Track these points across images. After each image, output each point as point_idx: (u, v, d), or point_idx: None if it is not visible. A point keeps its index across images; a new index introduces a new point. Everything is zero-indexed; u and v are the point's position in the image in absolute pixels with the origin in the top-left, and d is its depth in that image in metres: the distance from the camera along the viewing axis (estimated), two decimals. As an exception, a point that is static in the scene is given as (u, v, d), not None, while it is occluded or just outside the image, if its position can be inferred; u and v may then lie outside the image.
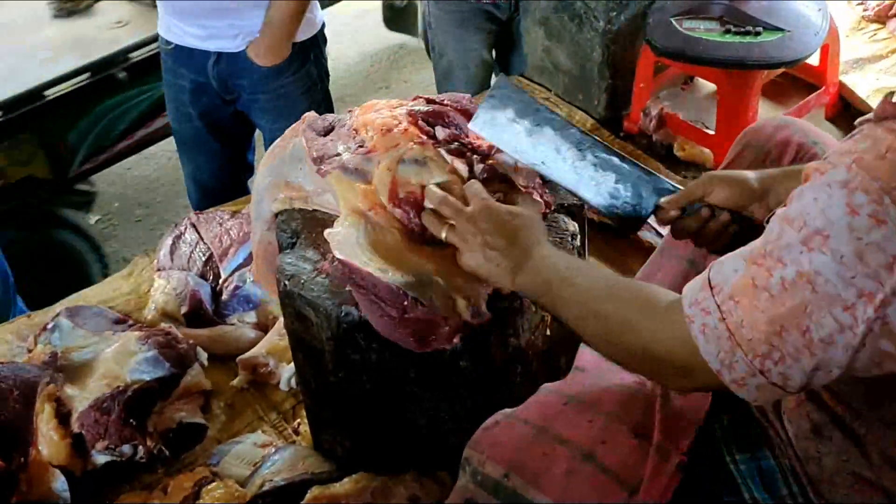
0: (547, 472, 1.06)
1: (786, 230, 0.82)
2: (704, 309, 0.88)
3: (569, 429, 1.11)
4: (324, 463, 1.53)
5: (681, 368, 0.92)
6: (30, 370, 1.61)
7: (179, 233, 2.04)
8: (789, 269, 0.81)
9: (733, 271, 0.87)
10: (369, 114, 1.38)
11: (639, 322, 0.97)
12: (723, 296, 0.86)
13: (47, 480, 1.48)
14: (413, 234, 1.24)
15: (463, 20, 2.61)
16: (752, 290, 0.83)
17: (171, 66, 2.21)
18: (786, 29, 2.08)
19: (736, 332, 0.84)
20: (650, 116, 2.34)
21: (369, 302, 1.19)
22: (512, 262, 1.12)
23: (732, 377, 0.86)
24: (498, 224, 1.14)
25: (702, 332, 0.87)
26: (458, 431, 1.24)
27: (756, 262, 0.84)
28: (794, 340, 0.81)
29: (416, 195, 1.25)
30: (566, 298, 1.05)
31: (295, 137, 1.41)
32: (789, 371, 0.82)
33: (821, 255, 0.78)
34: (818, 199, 0.80)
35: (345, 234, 1.24)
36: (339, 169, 1.30)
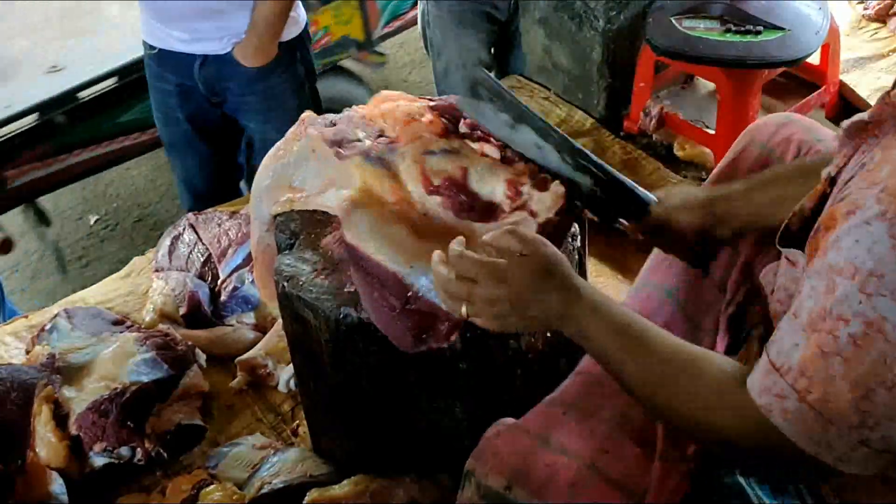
0: (550, 483, 1.05)
1: (838, 282, 0.77)
2: (778, 394, 0.81)
3: (571, 439, 1.09)
4: (323, 465, 1.52)
5: (775, 459, 0.87)
6: (27, 372, 1.61)
7: (178, 233, 2.04)
8: (854, 323, 0.76)
9: (794, 345, 0.81)
10: (386, 104, 1.37)
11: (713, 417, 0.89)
12: (793, 374, 0.80)
13: (45, 483, 1.48)
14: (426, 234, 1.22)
15: (461, 20, 2.61)
16: (823, 358, 0.78)
17: (156, 70, 2.19)
18: (786, 28, 2.08)
19: (822, 409, 0.78)
20: (650, 116, 2.33)
21: (372, 289, 1.18)
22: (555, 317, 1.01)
23: (835, 455, 0.79)
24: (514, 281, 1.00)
25: (784, 419, 0.81)
26: (458, 434, 1.24)
27: (816, 328, 0.79)
28: (884, 399, 0.75)
29: (455, 178, 1.24)
30: (625, 374, 0.97)
31: (297, 140, 1.40)
32: (889, 433, 0.77)
33: (881, 300, 0.74)
34: (860, 240, 0.75)
35: (359, 217, 1.21)
36: (360, 155, 1.28)
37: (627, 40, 2.33)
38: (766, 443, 0.84)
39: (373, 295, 1.18)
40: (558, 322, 1.01)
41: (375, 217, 1.22)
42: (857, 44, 2.56)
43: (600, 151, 2.34)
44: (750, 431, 0.85)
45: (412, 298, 1.16)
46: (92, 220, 3.24)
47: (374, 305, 1.19)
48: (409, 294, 1.16)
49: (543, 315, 1.01)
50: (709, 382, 0.91)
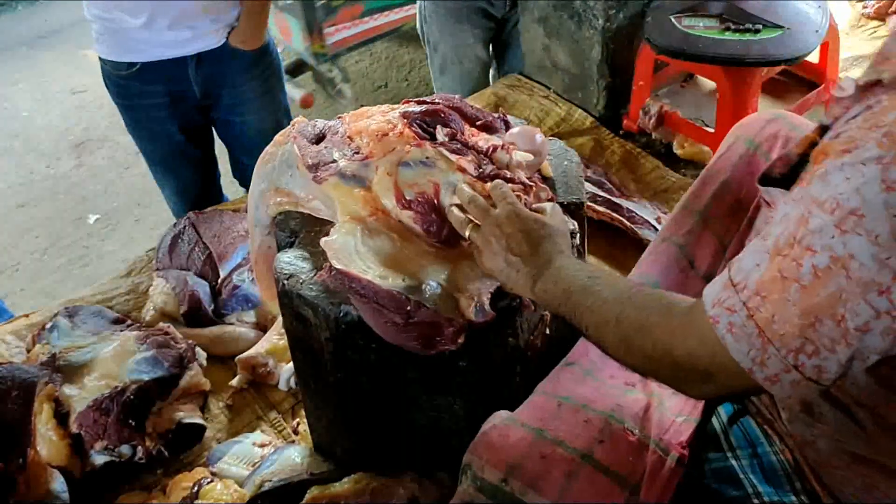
0: (546, 474, 1.06)
1: (814, 213, 0.77)
2: (729, 308, 0.83)
3: (565, 430, 1.10)
4: (323, 463, 1.52)
5: (703, 372, 0.88)
6: (28, 370, 1.61)
7: (178, 232, 2.04)
8: (821, 255, 0.76)
9: (755, 265, 0.82)
10: (362, 121, 1.37)
11: (658, 325, 0.93)
12: (748, 292, 0.82)
13: (46, 481, 1.48)
14: (413, 239, 1.23)
15: (457, 16, 2.61)
16: (781, 282, 0.79)
17: (136, 88, 2.13)
18: (785, 26, 2.08)
19: (766, 328, 0.80)
20: (649, 114, 2.34)
21: (372, 310, 1.19)
22: (533, 270, 1.10)
23: (765, 374, 0.81)
24: (524, 231, 1.13)
25: (729, 331, 0.83)
26: (458, 432, 1.24)
27: (781, 252, 0.80)
28: (829, 331, 0.77)
29: (427, 195, 1.24)
30: (585, 306, 1.02)
31: (284, 144, 1.40)
32: (825, 363, 0.78)
33: (855, 238, 0.74)
34: (850, 177, 0.75)
35: (342, 243, 1.22)
36: (336, 175, 1.29)
37: (627, 39, 2.33)
38: (705, 355, 0.86)
39: (373, 315, 1.19)
40: (533, 275, 1.10)
41: (358, 235, 1.23)
42: (856, 42, 2.56)
43: (600, 150, 2.34)
44: (693, 342, 0.87)
45: (413, 312, 1.16)
46: (92, 219, 3.24)
47: (377, 324, 1.19)
48: (409, 308, 1.16)
49: (523, 263, 1.11)
50: (661, 299, 0.95)
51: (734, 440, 1.10)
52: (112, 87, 2.17)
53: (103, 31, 2.07)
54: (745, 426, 1.10)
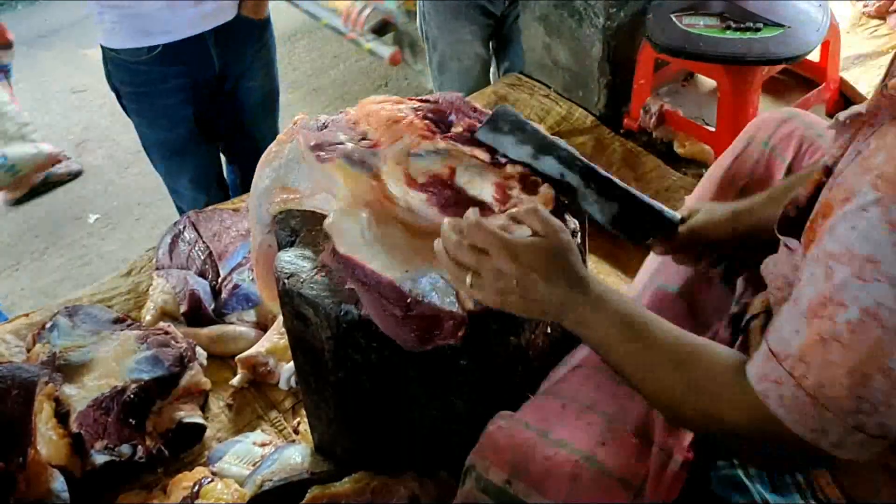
0: (550, 476, 1.05)
1: (835, 269, 0.77)
2: (776, 380, 0.82)
3: (569, 432, 1.10)
4: (323, 462, 1.52)
5: (773, 446, 0.87)
6: (28, 370, 1.61)
7: (178, 231, 2.04)
8: (852, 309, 0.76)
9: (794, 332, 0.81)
10: (371, 105, 1.36)
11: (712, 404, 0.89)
12: (791, 360, 0.81)
13: (46, 480, 1.48)
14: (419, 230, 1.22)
15: (456, 13, 2.61)
16: (821, 344, 0.78)
17: (157, 74, 2.11)
18: (786, 25, 2.08)
19: (818, 395, 0.78)
20: (650, 113, 2.34)
21: (372, 299, 1.18)
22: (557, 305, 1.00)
23: (830, 441, 0.80)
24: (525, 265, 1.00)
25: (780, 405, 0.81)
26: (459, 431, 1.24)
27: (817, 314, 0.79)
28: (880, 385, 0.75)
29: (440, 176, 1.22)
30: (625, 363, 0.98)
31: (289, 141, 1.40)
32: (886, 419, 0.77)
33: (877, 285, 0.74)
34: (856, 226, 0.76)
35: (348, 227, 1.20)
36: (342, 157, 1.26)
37: (627, 37, 2.33)
38: (763, 430, 0.84)
39: (373, 304, 1.18)
40: (559, 310, 1.00)
41: (365, 220, 1.21)
42: (857, 41, 2.56)
43: (600, 149, 2.34)
44: (748, 419, 0.85)
45: (412, 304, 1.15)
46: (92, 218, 3.24)
47: (376, 313, 1.19)
48: (409, 300, 1.15)
49: (546, 300, 1.00)
50: (708, 371, 0.91)
51: None
52: (127, 77, 2.14)
53: (119, 20, 2.05)
54: None
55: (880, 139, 0.78)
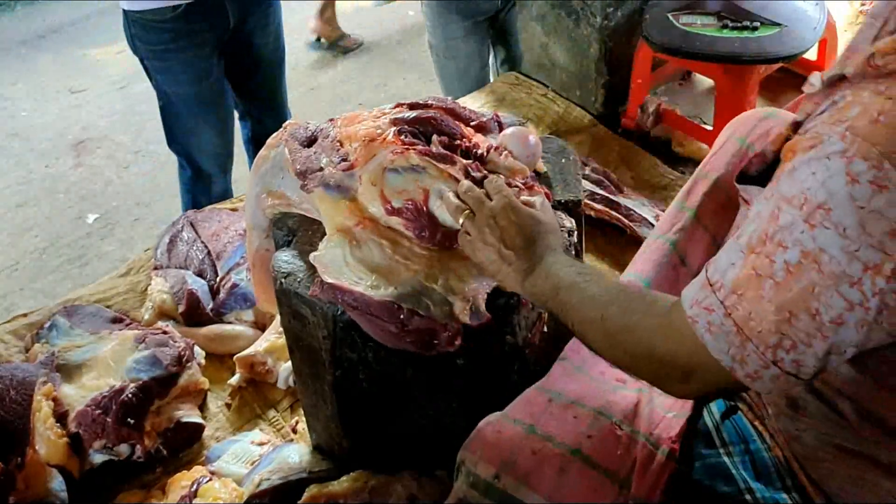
0: (538, 470, 1.06)
1: (784, 209, 0.78)
2: (707, 307, 0.84)
3: (555, 426, 1.11)
4: (321, 461, 1.53)
5: (684, 371, 0.89)
6: (27, 369, 1.61)
7: (177, 231, 2.04)
8: (792, 251, 0.77)
9: (730, 264, 0.84)
10: (352, 126, 1.36)
11: (640, 323, 0.93)
12: (724, 291, 0.83)
13: (44, 480, 1.48)
14: (404, 243, 1.23)
15: (447, 9, 2.60)
16: (756, 279, 0.80)
17: (183, 30, 2.19)
18: (783, 24, 2.08)
19: (744, 326, 0.81)
20: (648, 112, 2.34)
21: (366, 320, 1.19)
22: (525, 264, 1.10)
23: (746, 371, 0.83)
24: (519, 224, 1.13)
25: (707, 330, 0.84)
26: (456, 430, 1.24)
27: (755, 250, 0.81)
28: (805, 325, 0.78)
29: (416, 202, 1.23)
30: (572, 303, 1.03)
31: (276, 147, 1.40)
32: (802, 357, 0.79)
33: (824, 231, 0.75)
34: (816, 172, 0.76)
35: (331, 256, 1.22)
36: (321, 187, 1.28)
37: (625, 37, 2.34)
38: (686, 354, 0.87)
39: (368, 324, 1.19)
40: (524, 271, 1.10)
41: (346, 246, 1.22)
42: (854, 39, 2.56)
43: (598, 147, 2.34)
44: (675, 345, 0.89)
45: (406, 320, 1.16)
46: (91, 218, 3.24)
47: (374, 332, 1.20)
48: (402, 317, 1.16)
49: (515, 257, 1.11)
50: (647, 308, 0.96)
51: (726, 436, 1.10)
52: (154, 37, 2.21)
53: None
54: (737, 423, 1.11)
55: (857, 94, 0.79)
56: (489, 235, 1.14)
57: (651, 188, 2.20)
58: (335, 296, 1.19)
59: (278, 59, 2.49)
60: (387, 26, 4.37)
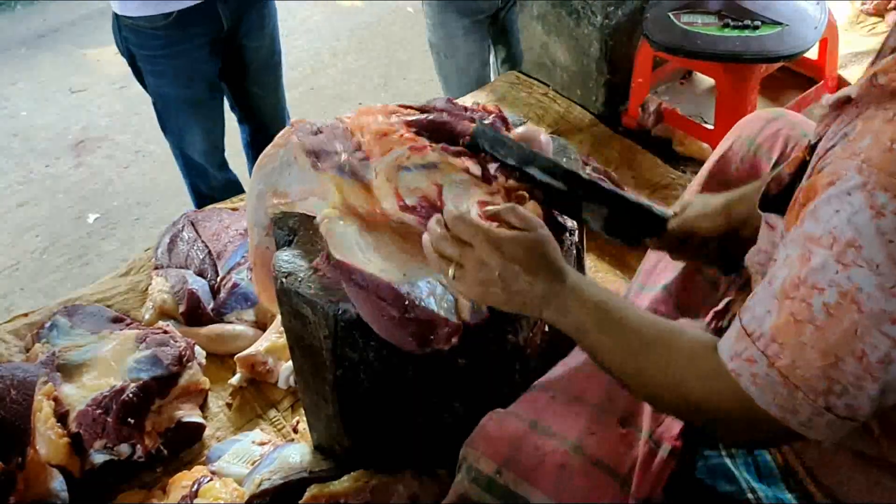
0: (539, 466, 1.06)
1: (814, 251, 0.77)
2: (749, 359, 0.82)
3: (558, 422, 1.11)
4: (322, 461, 1.52)
5: (743, 424, 0.87)
6: (27, 369, 1.61)
7: (177, 230, 2.04)
8: (829, 292, 0.76)
9: (766, 312, 0.82)
10: (365, 117, 1.36)
11: (685, 383, 0.90)
12: (765, 340, 0.81)
13: (45, 480, 1.48)
14: (414, 238, 1.23)
15: (448, 7, 2.60)
16: (795, 325, 0.78)
17: (177, 36, 2.20)
18: (784, 23, 2.08)
19: (790, 375, 0.79)
20: (648, 111, 2.34)
21: (370, 302, 1.18)
22: (539, 294, 1.01)
23: (799, 420, 0.80)
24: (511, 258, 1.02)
25: (753, 383, 0.82)
26: (458, 429, 1.24)
27: (789, 295, 0.79)
28: (853, 368, 0.76)
29: (429, 197, 1.22)
30: (600, 348, 0.98)
31: (283, 146, 1.40)
32: (855, 402, 0.77)
33: (858, 270, 0.74)
34: (840, 210, 0.75)
35: (342, 233, 1.21)
36: (335, 168, 1.28)
37: (625, 36, 2.33)
38: (734, 409, 0.85)
39: (370, 306, 1.18)
40: (539, 302, 1.01)
41: (358, 228, 1.22)
42: (855, 38, 2.56)
43: (599, 147, 2.34)
44: (718, 398, 0.86)
45: (410, 307, 1.15)
46: (91, 218, 3.23)
47: (372, 316, 1.19)
48: (407, 302, 1.15)
49: (527, 292, 1.01)
50: (681, 350, 0.92)
51: None
52: (147, 42, 2.23)
53: None
54: None
55: (867, 123, 0.78)
56: (491, 285, 1.03)
57: (652, 187, 2.20)
58: (342, 272, 1.18)
59: (274, 62, 2.50)
60: (387, 25, 4.36)
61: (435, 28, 2.68)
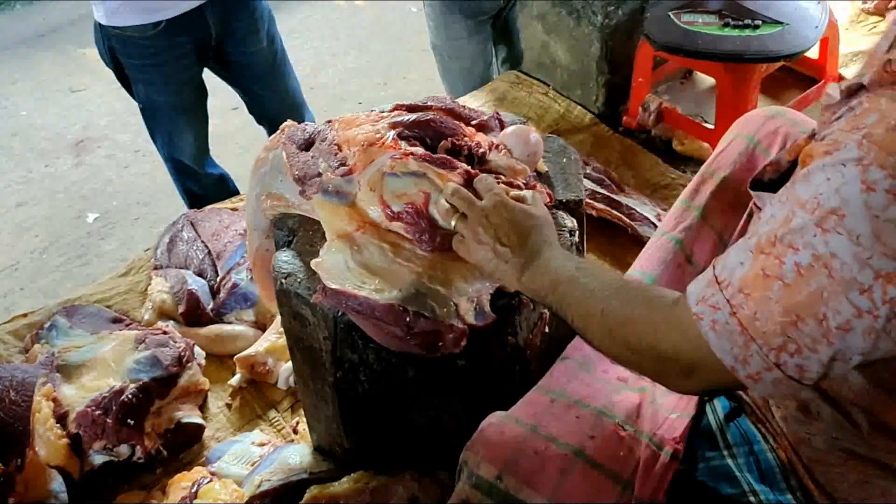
0: (540, 471, 1.06)
1: (797, 213, 0.78)
2: (713, 305, 0.84)
3: (557, 426, 1.11)
4: (322, 462, 1.52)
5: (686, 367, 0.89)
6: (26, 370, 1.60)
7: (177, 230, 2.04)
8: (803, 253, 0.77)
9: (739, 264, 0.83)
10: (350, 130, 1.35)
11: (643, 318, 0.93)
12: (732, 289, 0.82)
13: (45, 481, 1.48)
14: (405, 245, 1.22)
15: (451, 9, 2.59)
16: (763, 280, 0.79)
17: (164, 45, 2.21)
18: (785, 22, 2.08)
19: (749, 326, 0.80)
20: (649, 111, 2.33)
21: (372, 325, 1.19)
22: (521, 260, 1.10)
23: (747, 372, 0.82)
24: (512, 221, 1.12)
25: (712, 328, 0.83)
26: (458, 431, 1.24)
27: (764, 250, 0.80)
28: (811, 330, 0.77)
29: (416, 205, 1.22)
30: (571, 297, 1.02)
31: (275, 149, 1.40)
32: (806, 363, 0.78)
33: (836, 237, 0.75)
34: (831, 178, 0.76)
35: (333, 262, 1.21)
36: (320, 193, 1.27)
37: (626, 35, 2.33)
38: (691, 355, 0.87)
39: (373, 329, 1.19)
40: (521, 267, 1.10)
41: (348, 252, 1.22)
42: (856, 38, 2.56)
43: (599, 146, 2.34)
44: (679, 341, 0.88)
45: (412, 323, 1.15)
46: (91, 218, 3.23)
47: (378, 336, 1.20)
48: (408, 320, 1.15)
49: (510, 256, 1.11)
50: (649, 301, 0.95)
51: (730, 438, 1.09)
52: (134, 51, 2.23)
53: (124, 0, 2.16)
54: (741, 425, 1.10)
55: (874, 101, 0.78)
56: (483, 234, 1.13)
57: (652, 187, 2.20)
58: (339, 301, 1.19)
59: (279, 63, 2.49)
60: (387, 25, 4.36)
61: (438, 30, 2.67)
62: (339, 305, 1.20)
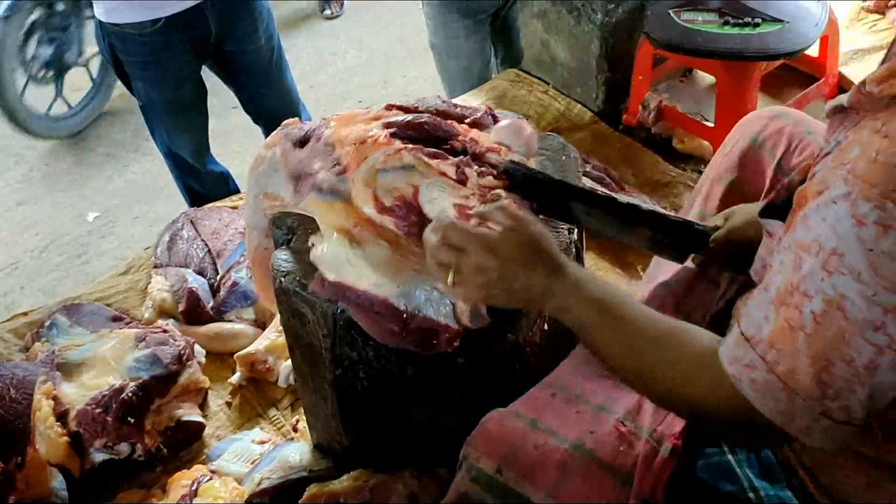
0: (540, 465, 1.06)
1: (804, 258, 0.79)
2: (748, 364, 0.83)
3: (559, 420, 1.11)
4: (322, 460, 1.52)
5: (745, 428, 0.87)
6: (27, 368, 1.61)
7: (177, 229, 2.04)
8: (815, 300, 0.77)
9: (764, 318, 0.83)
10: (345, 129, 1.35)
11: (687, 386, 0.90)
12: (763, 346, 0.82)
13: (45, 479, 1.48)
14: (402, 243, 1.22)
15: (450, 8, 2.59)
16: (790, 332, 0.79)
17: (163, 43, 2.21)
18: (785, 20, 2.08)
19: (789, 381, 0.80)
20: (649, 109, 2.33)
21: (369, 318, 1.19)
22: (539, 288, 1.01)
23: (798, 427, 0.81)
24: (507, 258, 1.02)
25: (752, 389, 0.82)
26: (457, 428, 1.24)
27: (784, 301, 0.80)
28: (843, 373, 0.77)
29: (405, 197, 1.22)
30: (601, 344, 0.98)
31: (271, 148, 1.40)
32: (849, 405, 0.78)
33: (841, 277, 0.75)
34: (826, 218, 0.77)
35: (333, 254, 1.21)
36: (315, 191, 1.27)
37: (626, 33, 2.33)
38: (734, 412, 0.85)
39: (369, 322, 1.19)
40: (541, 297, 1.02)
41: (347, 245, 1.22)
42: (856, 35, 2.56)
43: (599, 144, 2.34)
44: (718, 400, 0.87)
45: (408, 318, 1.16)
46: (91, 216, 3.23)
47: (374, 330, 1.20)
48: (405, 315, 1.16)
49: (528, 289, 1.01)
50: (682, 350, 0.92)
51: None
52: (133, 48, 2.23)
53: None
54: None
55: (857, 133, 0.79)
56: (492, 287, 1.03)
57: (652, 185, 2.20)
58: (338, 293, 1.19)
59: (276, 61, 2.49)
60: (387, 24, 4.36)
61: (436, 29, 2.67)
62: (337, 296, 1.19)
